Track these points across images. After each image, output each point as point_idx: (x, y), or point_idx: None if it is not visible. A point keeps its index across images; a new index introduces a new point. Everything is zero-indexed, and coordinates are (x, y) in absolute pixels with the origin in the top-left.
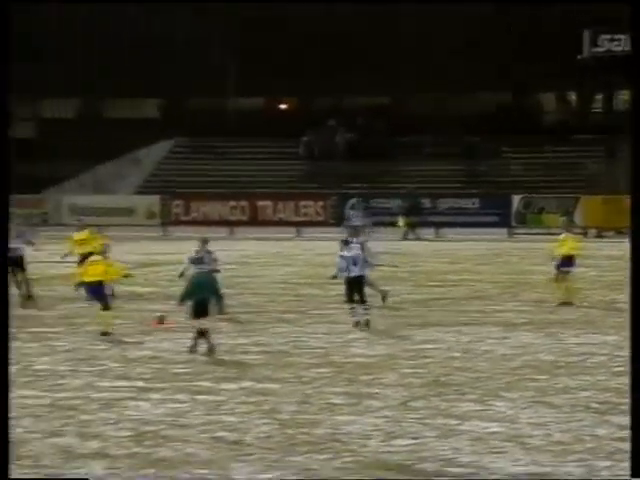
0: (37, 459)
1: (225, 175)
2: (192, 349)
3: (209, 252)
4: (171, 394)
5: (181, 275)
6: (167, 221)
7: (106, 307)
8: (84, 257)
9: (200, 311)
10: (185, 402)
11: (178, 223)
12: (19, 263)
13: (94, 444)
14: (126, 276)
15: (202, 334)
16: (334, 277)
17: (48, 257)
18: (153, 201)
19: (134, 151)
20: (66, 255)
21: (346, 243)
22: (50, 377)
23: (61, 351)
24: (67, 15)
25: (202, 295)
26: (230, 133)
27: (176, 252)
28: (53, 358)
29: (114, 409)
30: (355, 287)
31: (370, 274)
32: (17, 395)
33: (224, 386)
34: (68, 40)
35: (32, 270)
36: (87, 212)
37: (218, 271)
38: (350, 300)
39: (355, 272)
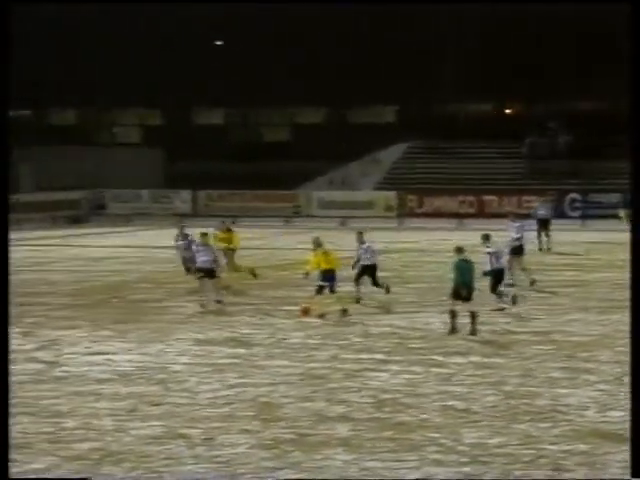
0: (293, 420)
1: (454, 173)
2: (451, 330)
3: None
4: (407, 366)
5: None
6: (402, 213)
7: (333, 291)
8: (228, 251)
9: (463, 295)
10: (420, 373)
11: (412, 215)
12: None
13: (340, 409)
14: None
15: (469, 317)
16: (485, 274)
17: (296, 245)
18: (390, 196)
19: (375, 152)
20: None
21: (487, 238)
22: (302, 349)
23: (311, 327)
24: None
25: (465, 280)
26: (460, 136)
27: (410, 241)
28: (305, 333)
29: (357, 378)
30: (501, 278)
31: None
32: (274, 365)
33: (454, 360)
34: (324, 55)
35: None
36: (334, 206)
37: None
38: (493, 291)
39: (500, 265)
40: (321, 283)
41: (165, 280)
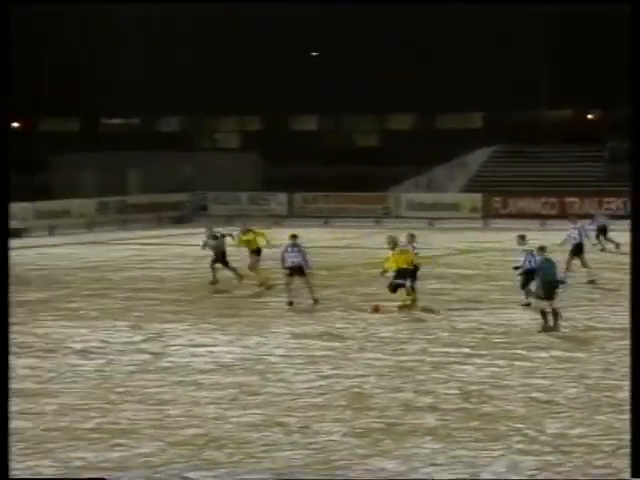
0: (383, 410)
1: (537, 176)
2: (545, 328)
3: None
4: (492, 360)
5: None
6: (487, 215)
7: (413, 289)
8: (253, 252)
9: (549, 293)
10: (504, 367)
11: (497, 216)
12: None
13: (428, 399)
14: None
15: (551, 314)
16: (516, 268)
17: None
18: (476, 198)
19: (461, 156)
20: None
21: (522, 239)
22: (392, 343)
23: (401, 322)
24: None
25: (548, 279)
26: (543, 140)
27: (494, 240)
28: (395, 327)
29: (444, 371)
30: (531, 277)
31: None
32: (366, 357)
33: (537, 354)
34: (414, 64)
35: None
36: (422, 207)
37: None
38: (523, 288)
39: (533, 265)
40: (397, 281)
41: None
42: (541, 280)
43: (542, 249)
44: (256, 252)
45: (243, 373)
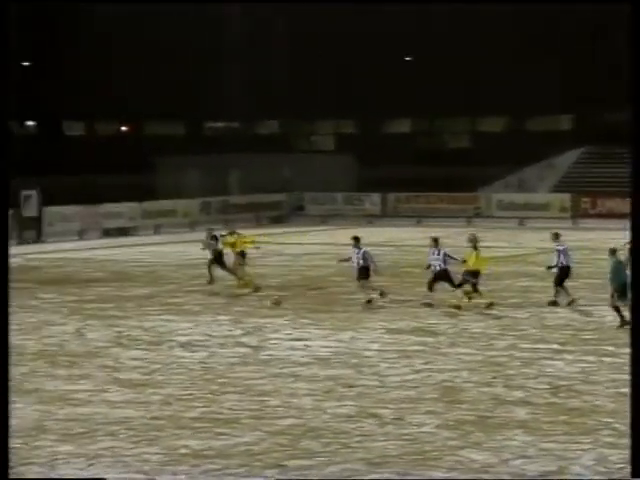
0: (474, 403)
1: (626, 177)
2: (623, 323)
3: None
4: (581, 356)
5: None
6: (576, 214)
7: (477, 290)
8: (237, 254)
9: (621, 294)
10: (593, 362)
11: (585, 216)
12: None
13: (518, 393)
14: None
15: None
16: (549, 268)
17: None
18: (565, 198)
19: (551, 157)
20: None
21: (557, 237)
22: (482, 338)
23: (491, 318)
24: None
25: (621, 281)
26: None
27: (584, 240)
28: (485, 323)
29: (534, 366)
30: (566, 275)
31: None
32: (457, 352)
33: (625, 350)
34: (503, 69)
35: None
36: (512, 207)
37: None
38: (559, 285)
39: (567, 263)
40: (467, 278)
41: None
42: (613, 281)
43: (613, 252)
44: (240, 254)
45: (338, 366)
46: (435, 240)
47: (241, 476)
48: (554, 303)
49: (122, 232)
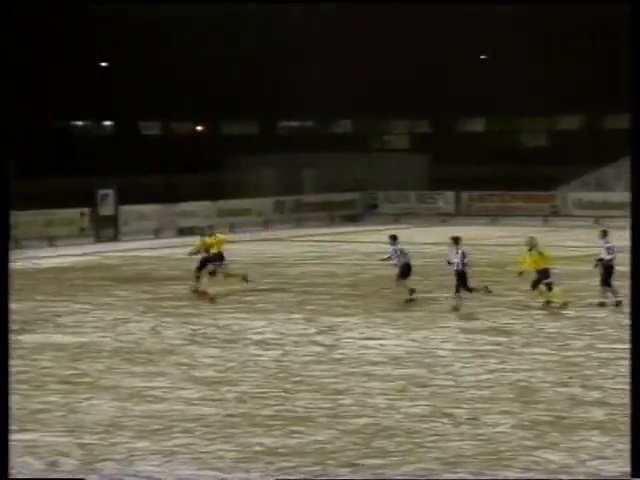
0: (550, 404)
1: None
2: None
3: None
4: None
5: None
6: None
7: (550, 288)
8: (215, 255)
9: None
10: None
11: None
12: None
13: (595, 394)
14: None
15: None
16: (596, 266)
17: (557, 242)
18: None
19: (628, 156)
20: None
21: (605, 234)
22: (558, 338)
23: (567, 318)
24: None
25: None
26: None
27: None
28: (561, 323)
29: (611, 366)
30: (610, 272)
31: None
32: (532, 352)
33: None
34: (578, 67)
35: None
36: (589, 206)
37: None
38: (605, 284)
39: (610, 261)
40: (539, 277)
41: (432, 273)
42: None
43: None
44: (218, 256)
45: (412, 365)
46: (455, 239)
47: (313, 475)
48: (602, 305)
49: (198, 231)
